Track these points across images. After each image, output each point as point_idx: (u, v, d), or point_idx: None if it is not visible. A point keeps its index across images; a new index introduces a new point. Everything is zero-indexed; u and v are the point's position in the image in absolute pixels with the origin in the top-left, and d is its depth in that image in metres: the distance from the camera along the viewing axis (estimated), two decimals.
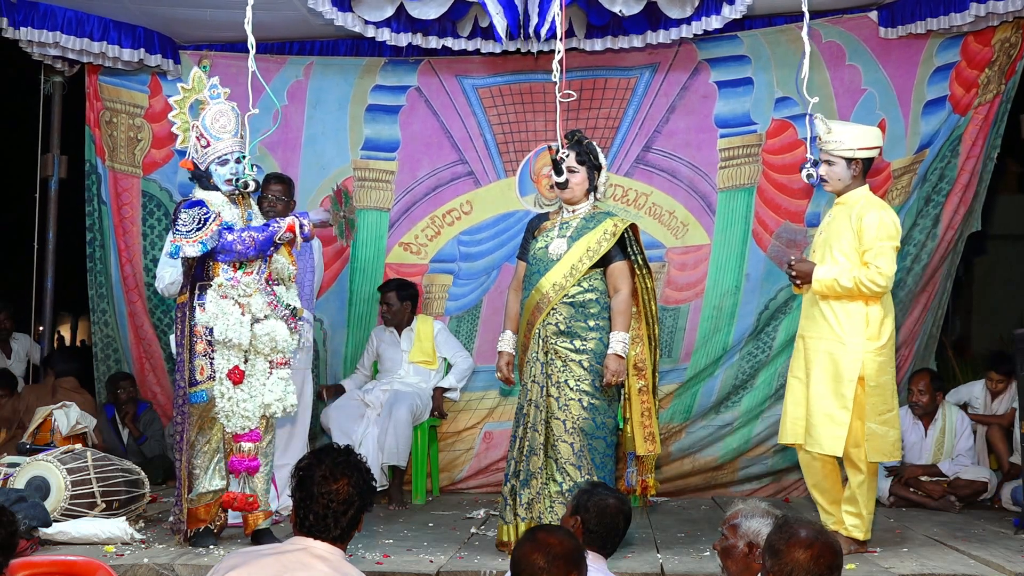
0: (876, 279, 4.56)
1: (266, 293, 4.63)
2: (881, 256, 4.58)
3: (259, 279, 4.62)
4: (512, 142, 7.09)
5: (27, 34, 6.42)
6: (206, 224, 4.55)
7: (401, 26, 6.08)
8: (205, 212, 4.57)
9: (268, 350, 4.64)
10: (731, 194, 6.90)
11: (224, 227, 4.58)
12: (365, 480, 2.88)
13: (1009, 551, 4.72)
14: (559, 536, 2.95)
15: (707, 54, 6.90)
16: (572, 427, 4.68)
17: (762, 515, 3.24)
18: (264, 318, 4.63)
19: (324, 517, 2.79)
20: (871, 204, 4.73)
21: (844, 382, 4.60)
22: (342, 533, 2.82)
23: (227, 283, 4.57)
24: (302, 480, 2.85)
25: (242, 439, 4.59)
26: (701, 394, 6.90)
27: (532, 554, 2.87)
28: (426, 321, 6.69)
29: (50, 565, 3.36)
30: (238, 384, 4.58)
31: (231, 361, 4.58)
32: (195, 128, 4.71)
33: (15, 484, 4.94)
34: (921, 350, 6.95)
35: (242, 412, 4.58)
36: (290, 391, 4.72)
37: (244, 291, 4.58)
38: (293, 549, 2.77)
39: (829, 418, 4.62)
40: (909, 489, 6.29)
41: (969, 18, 5.98)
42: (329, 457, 2.88)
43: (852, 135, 4.77)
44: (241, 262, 4.60)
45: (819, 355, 4.69)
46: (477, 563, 4.49)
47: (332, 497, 2.79)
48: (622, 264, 4.85)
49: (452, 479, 6.98)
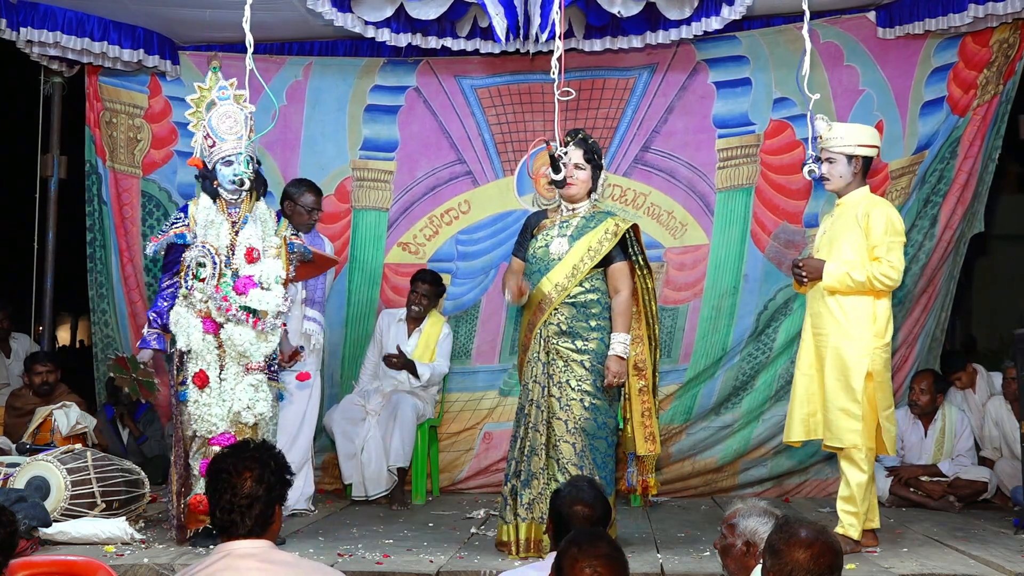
0: (889, 273, 4.63)
1: (216, 299, 4.63)
2: (892, 251, 4.66)
3: (209, 286, 4.64)
4: (510, 142, 7.09)
5: (27, 34, 6.43)
6: (169, 229, 4.78)
7: (400, 26, 6.09)
8: (179, 217, 4.79)
9: (236, 354, 4.67)
10: (729, 194, 6.90)
11: (179, 238, 4.74)
12: (274, 473, 2.82)
13: (1009, 551, 4.72)
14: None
15: (706, 55, 6.90)
16: (574, 427, 4.68)
17: (760, 514, 3.24)
18: (224, 323, 4.65)
19: (230, 512, 2.76)
20: (876, 202, 4.80)
21: (853, 376, 4.66)
22: (255, 529, 2.78)
23: (187, 292, 4.67)
24: (210, 476, 2.85)
25: (214, 442, 4.61)
26: (701, 395, 6.90)
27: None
28: (437, 322, 6.66)
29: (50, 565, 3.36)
30: (202, 388, 4.64)
31: (197, 365, 4.65)
32: (203, 127, 4.76)
33: (15, 484, 4.94)
34: (924, 351, 6.94)
35: (206, 416, 4.62)
36: (260, 398, 4.67)
37: (197, 298, 4.66)
38: (218, 558, 2.74)
39: (844, 412, 4.68)
40: (909, 489, 6.30)
41: (968, 19, 5.98)
42: (236, 452, 2.86)
43: (852, 132, 4.83)
44: (196, 270, 4.68)
45: (828, 351, 4.74)
46: (477, 563, 4.49)
47: (235, 492, 2.76)
48: (623, 264, 4.85)
49: (452, 479, 6.98)
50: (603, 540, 2.86)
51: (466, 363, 7.07)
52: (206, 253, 4.67)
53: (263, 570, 2.70)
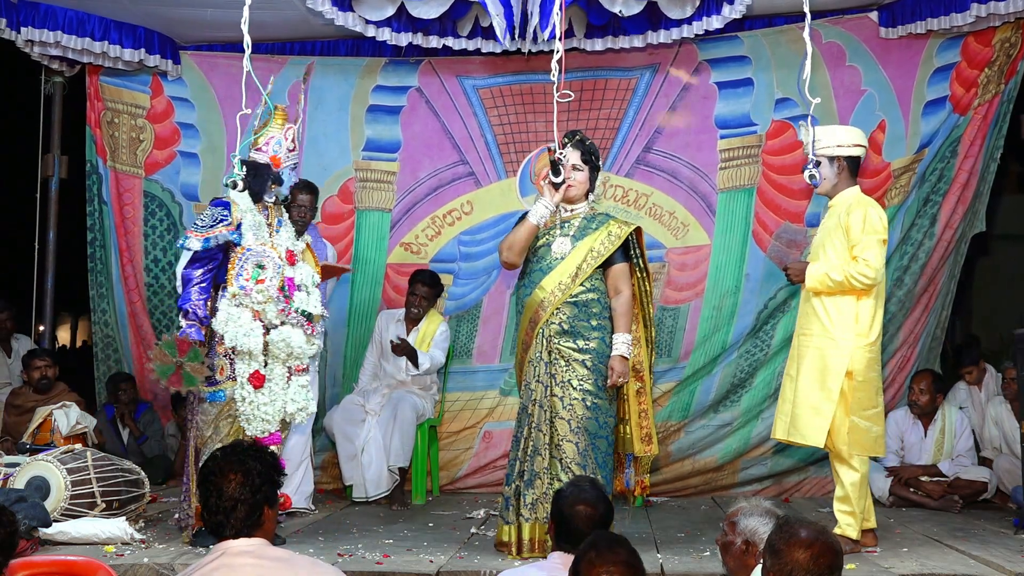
0: (865, 271, 4.64)
1: (278, 301, 4.68)
2: (868, 249, 4.66)
3: (271, 287, 4.66)
4: (513, 143, 7.09)
5: (28, 34, 6.44)
6: (216, 225, 4.66)
7: (402, 26, 6.09)
8: (224, 215, 4.69)
9: (284, 356, 4.70)
10: (731, 195, 6.90)
11: (233, 236, 4.66)
12: (260, 476, 2.83)
13: (1009, 551, 4.71)
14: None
15: (707, 55, 6.90)
16: (577, 427, 4.68)
17: (762, 514, 3.24)
18: (280, 324, 4.68)
19: (216, 513, 2.79)
20: (858, 202, 4.80)
21: (831, 375, 4.68)
22: (243, 530, 2.80)
23: (240, 292, 4.63)
24: (200, 479, 2.87)
25: (264, 441, 4.61)
26: (699, 392, 6.90)
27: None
28: (435, 320, 6.66)
29: (50, 565, 3.36)
30: (258, 388, 4.65)
31: (251, 366, 4.65)
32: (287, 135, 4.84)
33: (15, 484, 4.93)
34: (924, 351, 6.94)
35: (263, 416, 4.65)
36: (311, 398, 4.83)
37: (256, 299, 4.64)
38: (214, 557, 2.78)
39: (814, 410, 4.70)
40: (909, 489, 6.29)
41: (970, 18, 5.97)
42: (226, 454, 2.87)
43: (830, 134, 4.84)
44: (256, 270, 4.66)
45: (809, 350, 4.77)
46: (477, 563, 4.49)
47: (220, 494, 2.79)
48: (623, 266, 4.86)
49: (451, 477, 6.99)
50: (622, 546, 2.88)
51: (467, 363, 7.07)
52: (267, 256, 4.70)
53: (259, 566, 2.73)
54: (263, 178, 4.76)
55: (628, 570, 2.80)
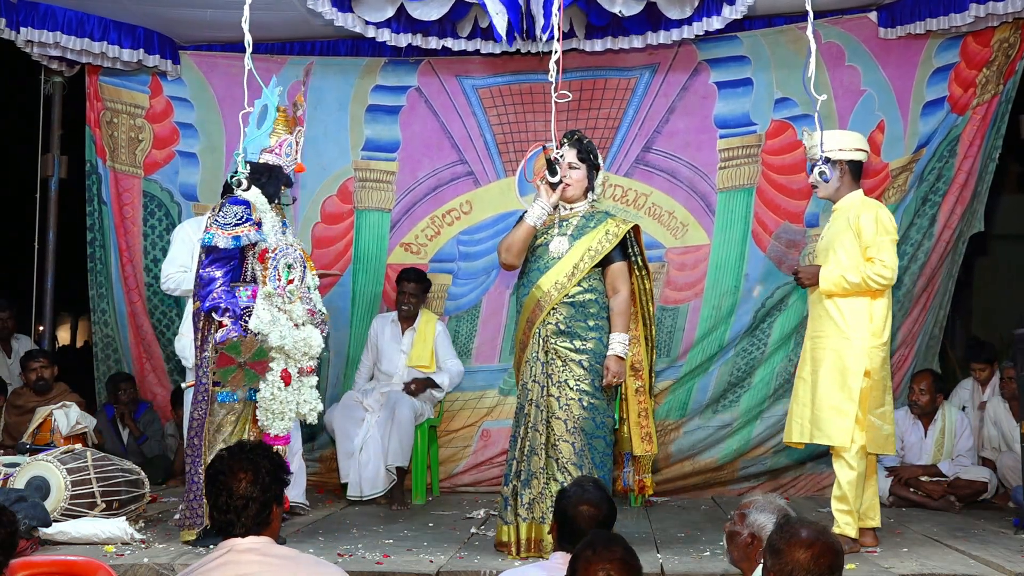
0: (882, 272, 4.68)
1: (306, 300, 4.71)
2: (883, 250, 4.71)
3: (301, 286, 4.69)
4: (512, 142, 7.09)
5: (27, 34, 6.44)
6: (242, 224, 4.63)
7: (401, 26, 6.09)
8: (248, 214, 4.65)
9: (300, 355, 4.69)
10: (731, 194, 6.90)
11: (261, 236, 4.65)
12: (269, 474, 2.85)
13: (1009, 551, 4.72)
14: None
15: (707, 55, 6.90)
16: (573, 427, 4.68)
17: (773, 511, 3.24)
18: (303, 324, 4.70)
19: (227, 512, 2.81)
20: (866, 205, 4.86)
21: (851, 375, 4.71)
22: (252, 528, 2.82)
23: (275, 291, 4.64)
24: (207, 478, 2.89)
25: (275, 443, 4.60)
26: (697, 390, 6.91)
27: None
28: (430, 320, 6.68)
29: (50, 565, 3.36)
30: (288, 385, 4.65)
31: (280, 364, 4.63)
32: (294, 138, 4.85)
33: (15, 484, 4.94)
34: (923, 351, 6.95)
35: (289, 414, 4.65)
36: (318, 398, 4.82)
37: (289, 298, 4.65)
38: (220, 554, 2.80)
39: (836, 411, 4.72)
40: (909, 489, 6.29)
41: (969, 19, 5.98)
42: (233, 453, 2.89)
43: (831, 138, 4.87)
44: (286, 270, 4.68)
45: (826, 352, 4.79)
46: (477, 563, 4.49)
47: (231, 493, 2.80)
48: (622, 265, 4.86)
49: (449, 473, 6.99)
50: (618, 544, 2.90)
51: (467, 362, 7.06)
52: (296, 257, 4.72)
53: (264, 563, 2.76)
54: (277, 180, 4.77)
55: (624, 568, 2.81)
